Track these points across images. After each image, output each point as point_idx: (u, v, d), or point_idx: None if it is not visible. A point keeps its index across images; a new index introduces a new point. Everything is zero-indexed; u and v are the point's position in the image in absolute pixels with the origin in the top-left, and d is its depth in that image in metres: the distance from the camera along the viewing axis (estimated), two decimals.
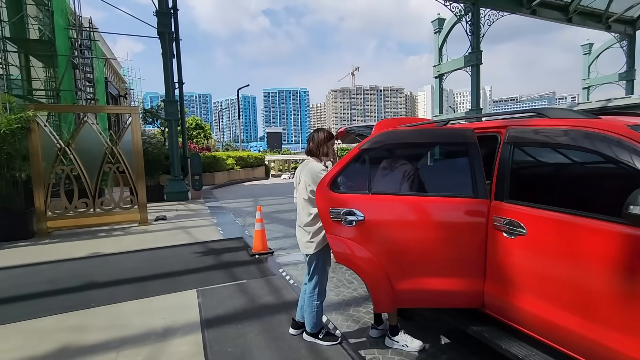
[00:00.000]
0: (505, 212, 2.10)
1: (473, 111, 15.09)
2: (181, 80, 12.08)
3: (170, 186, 11.19)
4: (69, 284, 4.00)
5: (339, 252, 2.23)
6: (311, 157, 2.63)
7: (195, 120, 38.42)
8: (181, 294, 3.66)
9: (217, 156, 17.99)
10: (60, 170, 6.89)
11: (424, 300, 2.31)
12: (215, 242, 5.77)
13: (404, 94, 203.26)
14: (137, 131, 7.38)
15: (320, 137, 2.61)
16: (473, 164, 2.28)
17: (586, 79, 19.96)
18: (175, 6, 11.67)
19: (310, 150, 2.63)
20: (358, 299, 3.65)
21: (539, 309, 1.95)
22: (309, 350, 2.55)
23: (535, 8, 15.54)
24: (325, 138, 2.60)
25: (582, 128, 1.88)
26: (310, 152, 2.64)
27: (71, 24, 13.48)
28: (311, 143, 2.64)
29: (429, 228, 2.25)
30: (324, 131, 2.67)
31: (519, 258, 2.02)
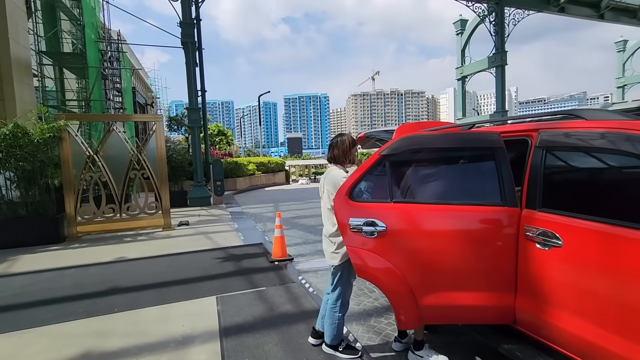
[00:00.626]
0: (538, 222, 1.95)
1: (498, 113, 14.59)
2: (203, 88, 12.37)
3: (193, 192, 11.41)
4: (94, 289, 4.10)
5: (359, 265, 2.14)
6: (334, 164, 2.55)
7: (218, 127, 39.33)
8: (201, 301, 3.67)
9: (239, 162, 18.25)
10: (89, 177, 7.15)
11: (450, 316, 2.18)
12: (235, 248, 5.80)
13: (425, 97, 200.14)
14: (160, 138, 7.57)
15: (346, 143, 2.51)
16: (500, 170, 2.15)
17: (621, 77, 18.91)
18: (198, 17, 12.00)
19: (335, 157, 2.53)
20: (379, 309, 3.53)
21: (577, 328, 1.79)
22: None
23: (564, 5, 14.93)
24: (350, 144, 2.52)
25: (624, 130, 1.72)
26: (335, 159, 2.54)
27: (101, 37, 14.12)
28: (336, 149, 2.54)
29: (454, 239, 2.13)
30: (348, 137, 2.57)
31: (554, 272, 1.87)
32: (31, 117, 6.98)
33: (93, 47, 12.83)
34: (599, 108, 2.24)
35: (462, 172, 2.39)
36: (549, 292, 1.90)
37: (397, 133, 3.72)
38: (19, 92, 8.93)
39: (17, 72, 8.97)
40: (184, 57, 11.57)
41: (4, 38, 8.68)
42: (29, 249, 6.06)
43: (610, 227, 1.65)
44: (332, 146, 2.58)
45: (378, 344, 2.87)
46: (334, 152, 2.55)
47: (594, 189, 1.92)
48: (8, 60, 8.72)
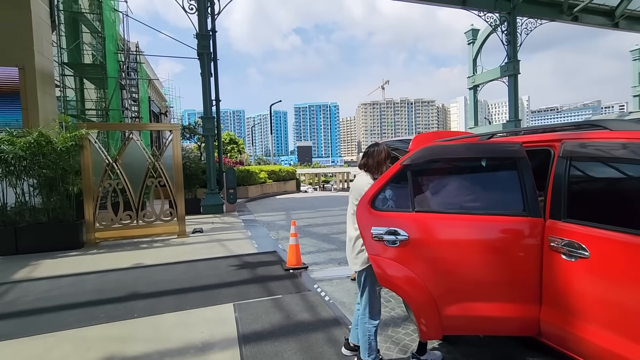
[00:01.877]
0: (563, 232, 1.94)
1: (511, 122, 14.47)
2: (218, 97, 12.61)
3: (206, 199, 11.55)
4: (114, 294, 4.18)
5: (381, 274, 2.15)
6: (364, 172, 2.56)
7: (230, 136, 39.90)
8: (218, 308, 3.70)
9: (251, 170, 18.42)
10: (107, 184, 7.33)
11: (473, 327, 2.16)
12: (249, 256, 5.84)
13: (435, 106, 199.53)
14: (177, 147, 7.73)
15: (382, 154, 2.52)
16: (523, 180, 2.15)
17: (637, 86, 18.59)
18: (214, 29, 12.31)
19: (368, 165, 2.54)
20: (396, 318, 3.51)
21: (605, 341, 1.76)
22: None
23: (578, 14, 14.84)
24: (386, 156, 2.52)
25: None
26: (367, 167, 2.54)
27: (120, 49, 14.59)
28: (370, 159, 2.54)
29: (477, 249, 2.13)
30: (385, 148, 2.58)
31: (581, 283, 1.85)
32: (54, 126, 7.22)
33: (112, 58, 13.25)
34: (623, 118, 2.22)
35: (484, 182, 2.39)
36: (575, 304, 1.88)
37: (414, 143, 3.75)
38: (42, 102, 9.25)
39: (41, 83, 9.32)
40: (197, 67, 11.86)
41: (29, 50, 9.04)
42: (49, 254, 6.21)
43: (638, 238, 1.64)
44: (367, 154, 2.59)
45: (396, 354, 2.84)
46: (367, 161, 2.56)
47: (620, 200, 1.91)
48: (33, 72, 9.07)
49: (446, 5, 13.80)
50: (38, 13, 9.38)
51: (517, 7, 13.99)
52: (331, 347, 2.82)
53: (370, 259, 2.18)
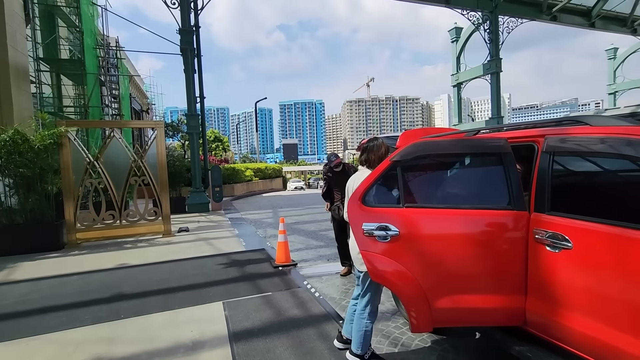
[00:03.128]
0: (547, 225, 2.00)
1: (494, 119, 14.80)
2: (202, 94, 12.41)
3: (191, 198, 11.39)
4: (98, 295, 4.08)
5: (373, 269, 2.17)
6: (366, 168, 2.59)
7: (214, 133, 39.32)
8: (207, 306, 3.67)
9: (236, 168, 18.25)
10: (88, 184, 7.12)
11: (463, 319, 2.21)
12: (237, 254, 5.79)
13: (420, 104, 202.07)
14: (161, 144, 7.58)
15: (382, 149, 2.56)
16: (509, 174, 2.21)
17: (612, 84, 19.32)
18: (197, 24, 12.09)
19: (370, 161, 2.57)
20: (385, 313, 3.56)
21: (588, 327, 1.83)
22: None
23: (556, 14, 15.27)
24: (386, 151, 2.55)
25: (627, 135, 1.79)
26: (369, 162, 2.58)
27: (99, 44, 14.14)
28: (371, 154, 2.58)
29: (465, 242, 2.17)
30: (385, 144, 2.60)
31: (564, 273, 1.92)
32: (31, 123, 6.96)
33: (91, 53, 12.84)
34: (603, 114, 2.31)
35: (471, 177, 2.45)
36: (559, 293, 1.95)
37: (402, 139, 3.79)
38: (17, 99, 8.90)
39: (15, 79, 8.95)
40: (179, 64, 11.73)
41: (2, 45, 8.67)
42: (28, 257, 6.01)
43: (618, 229, 1.71)
44: (367, 150, 2.61)
45: (387, 347, 2.89)
46: (369, 156, 2.59)
47: (601, 193, 1.98)
48: (6, 67, 8.71)
49: (430, 4, 13.97)
50: (11, 6, 9.00)
51: (499, 6, 14.29)
52: (323, 342, 2.84)
53: (362, 254, 2.20)
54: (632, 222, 1.67)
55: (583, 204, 1.94)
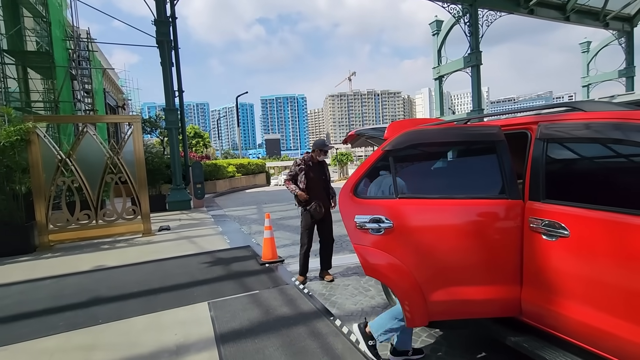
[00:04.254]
0: (543, 213, 1.96)
1: (475, 111, 15.02)
2: (181, 88, 12.00)
3: (172, 195, 11.04)
4: (73, 300, 3.84)
5: (367, 263, 2.09)
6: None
7: (194, 129, 38.40)
8: (192, 307, 3.51)
9: (218, 164, 17.88)
10: (61, 182, 6.75)
11: (458, 311, 2.16)
12: (222, 252, 5.62)
13: (401, 98, 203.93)
14: (139, 140, 7.25)
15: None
16: (502, 163, 2.16)
17: (586, 76, 19.97)
18: (174, 15, 11.63)
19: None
20: (376, 307, 3.50)
21: (585, 315, 1.81)
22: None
23: (533, 7, 15.57)
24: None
25: (620, 120, 1.76)
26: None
27: (68, 36, 13.42)
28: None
29: (459, 233, 2.12)
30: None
31: (561, 262, 1.89)
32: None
33: (60, 46, 12.17)
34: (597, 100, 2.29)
35: (464, 166, 2.39)
36: (556, 282, 1.92)
37: (390, 130, 3.70)
38: None
39: None
40: (155, 57, 11.31)
41: None
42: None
43: (616, 215, 1.68)
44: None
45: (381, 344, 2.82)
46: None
47: (598, 179, 1.95)
48: None
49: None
50: None
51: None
52: (314, 340, 2.74)
53: (355, 248, 2.11)
54: (630, 208, 1.65)
55: (579, 191, 1.90)
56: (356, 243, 2.12)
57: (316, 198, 4.24)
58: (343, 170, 29.80)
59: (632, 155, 1.77)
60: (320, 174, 4.37)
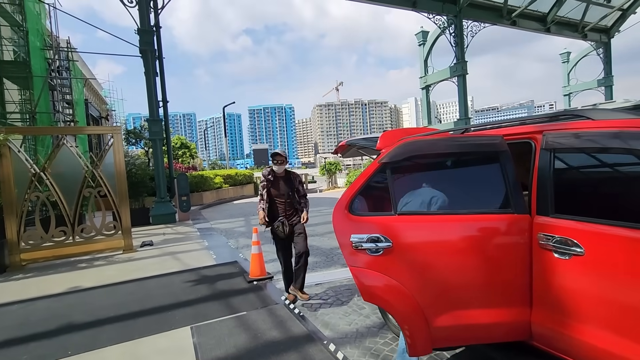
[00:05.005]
0: (553, 229, 1.82)
1: (462, 120, 15.16)
2: (165, 98, 11.71)
3: (156, 208, 10.65)
4: (42, 327, 3.51)
5: (365, 287, 1.90)
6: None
7: (181, 140, 37.77)
8: (173, 333, 3.23)
9: (205, 175, 17.49)
10: (35, 197, 6.36)
11: (465, 337, 1.99)
12: (208, 269, 5.33)
13: (388, 107, 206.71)
14: (119, 152, 6.94)
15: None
16: (507, 175, 2.02)
17: (566, 86, 20.50)
18: (158, 24, 11.43)
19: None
20: (372, 327, 3.29)
21: (602, 341, 1.65)
22: None
23: (515, 19, 15.95)
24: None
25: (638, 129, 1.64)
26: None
27: (48, 45, 13.00)
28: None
29: (464, 251, 1.95)
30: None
31: (576, 282, 1.74)
32: None
33: (38, 55, 11.74)
34: (604, 108, 2.18)
35: (466, 179, 2.24)
36: (570, 303, 1.77)
37: (382, 140, 3.55)
38: None
39: None
40: (140, 67, 10.93)
41: None
42: None
43: (636, 232, 1.54)
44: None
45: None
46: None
47: (613, 192, 1.82)
48: None
49: (398, 7, 14.10)
50: None
51: (463, 11, 14.69)
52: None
53: (351, 270, 1.92)
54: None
55: (593, 205, 1.77)
56: (352, 265, 1.92)
57: (281, 214, 3.92)
58: (332, 179, 29.67)
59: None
60: (286, 187, 3.94)
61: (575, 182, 1.95)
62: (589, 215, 1.73)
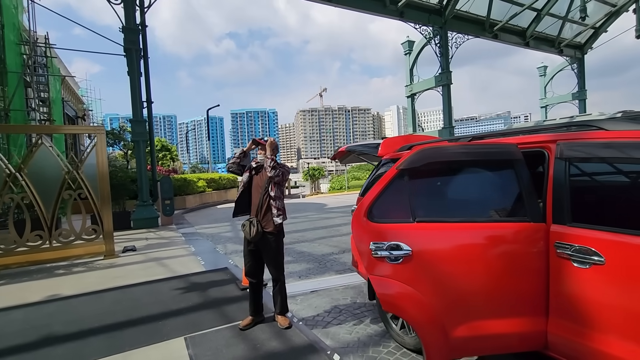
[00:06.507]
0: (571, 238, 1.82)
1: (446, 129, 15.48)
2: (149, 99, 11.36)
3: (138, 212, 10.27)
4: (18, 340, 3.25)
5: (386, 297, 1.84)
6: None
7: (161, 142, 36.89)
8: (166, 345, 3.06)
9: (188, 178, 17.07)
10: (8, 199, 5.99)
11: (482, 347, 1.96)
12: (197, 275, 5.13)
13: (371, 114, 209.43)
14: (102, 153, 6.64)
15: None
16: (522, 183, 2.02)
17: (543, 98, 21.35)
18: (144, 23, 11.11)
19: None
20: (374, 336, 3.23)
21: (624, 351, 1.66)
22: None
23: (497, 33, 16.52)
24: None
25: None
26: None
27: (24, 40, 12.41)
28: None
29: (480, 260, 1.94)
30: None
31: (595, 291, 1.74)
32: None
33: (13, 50, 11.19)
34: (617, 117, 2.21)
35: (482, 187, 2.23)
36: (588, 313, 1.77)
37: (384, 147, 3.55)
38: None
39: None
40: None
41: None
42: None
43: None
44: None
45: None
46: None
47: (633, 201, 1.84)
48: None
49: (386, 16, 14.34)
50: None
51: (448, 22, 15.10)
52: None
53: (371, 280, 1.86)
54: None
55: (611, 214, 1.78)
56: (372, 273, 1.86)
57: (253, 213, 3.33)
58: (315, 184, 29.60)
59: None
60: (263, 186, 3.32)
61: (592, 191, 1.97)
62: (607, 224, 1.74)
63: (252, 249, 3.34)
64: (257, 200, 3.31)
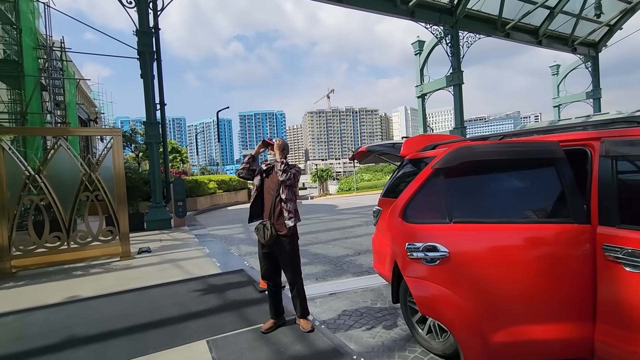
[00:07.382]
0: (622, 240, 1.73)
1: (458, 129, 15.31)
2: (163, 101, 11.45)
3: (151, 214, 10.33)
4: (41, 342, 3.25)
5: (423, 299, 1.78)
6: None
7: (171, 144, 37.27)
8: (189, 347, 3.03)
9: (199, 180, 17.18)
10: (28, 201, 6.05)
11: (522, 353, 1.88)
12: (214, 277, 5.11)
13: (379, 115, 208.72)
14: (119, 155, 6.69)
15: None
16: (565, 183, 1.93)
17: (556, 97, 20.99)
18: (157, 25, 11.22)
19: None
20: (399, 340, 3.15)
21: None
22: None
23: (509, 31, 16.30)
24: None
25: None
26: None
27: (40, 44, 12.63)
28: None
29: (522, 263, 1.85)
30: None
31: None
32: None
33: (31, 54, 11.38)
34: None
35: (522, 186, 2.15)
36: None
37: (406, 147, 3.47)
38: None
39: None
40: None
41: None
42: None
43: None
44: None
45: None
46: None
47: None
48: None
49: (397, 16, 14.26)
50: None
51: (459, 22, 14.96)
52: None
53: (407, 281, 1.79)
54: None
55: None
56: (408, 275, 1.80)
57: (266, 216, 3.26)
58: (323, 186, 29.50)
59: None
60: (275, 188, 3.24)
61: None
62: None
63: (267, 252, 3.29)
64: (270, 203, 3.26)
